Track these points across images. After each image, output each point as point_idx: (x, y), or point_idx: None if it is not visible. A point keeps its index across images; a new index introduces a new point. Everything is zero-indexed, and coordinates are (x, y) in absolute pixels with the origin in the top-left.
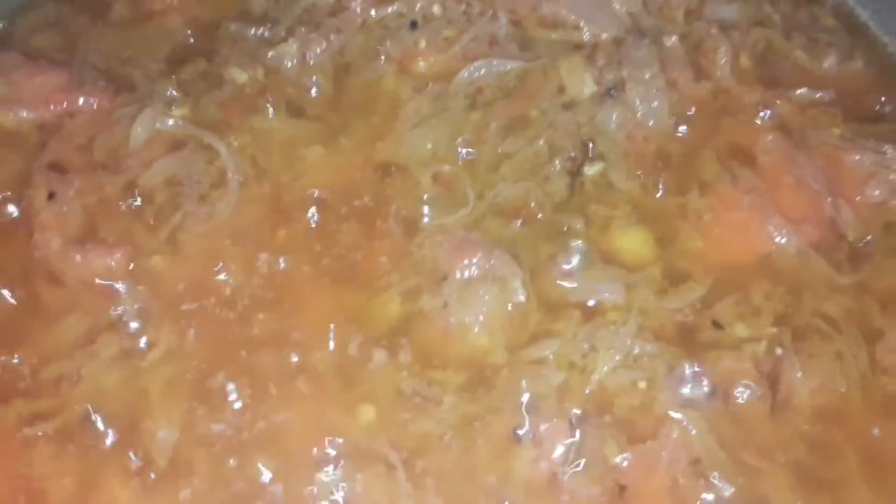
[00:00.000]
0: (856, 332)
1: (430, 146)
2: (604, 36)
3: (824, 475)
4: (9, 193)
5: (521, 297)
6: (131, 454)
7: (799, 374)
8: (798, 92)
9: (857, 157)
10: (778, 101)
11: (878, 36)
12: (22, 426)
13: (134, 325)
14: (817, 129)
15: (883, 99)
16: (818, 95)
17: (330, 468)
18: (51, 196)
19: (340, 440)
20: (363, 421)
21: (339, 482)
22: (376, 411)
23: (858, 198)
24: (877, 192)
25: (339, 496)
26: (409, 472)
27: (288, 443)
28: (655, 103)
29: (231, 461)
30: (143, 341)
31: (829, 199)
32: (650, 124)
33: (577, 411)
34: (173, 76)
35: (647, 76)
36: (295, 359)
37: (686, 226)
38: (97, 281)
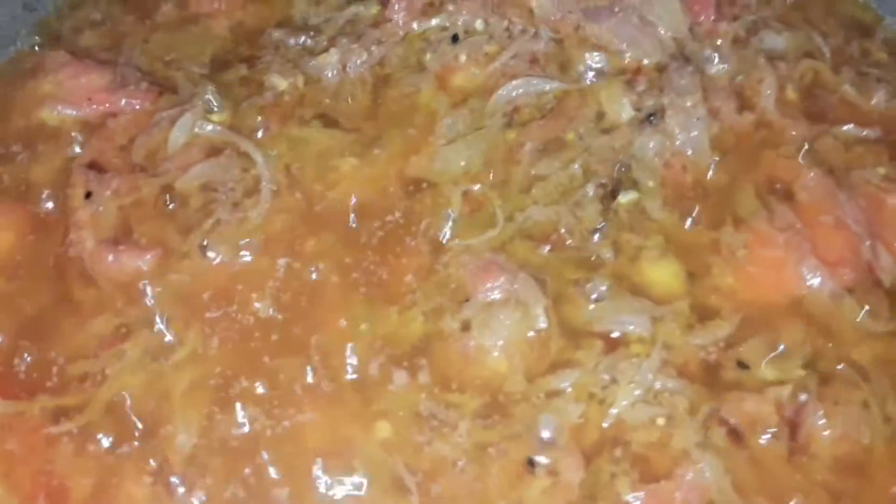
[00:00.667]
0: (885, 382)
1: (463, 163)
2: (646, 61)
3: None
4: (48, 191)
5: (543, 324)
6: (150, 457)
7: (822, 422)
8: (844, 128)
9: None
10: (822, 137)
11: None
12: (46, 423)
13: (160, 328)
14: (861, 168)
15: None
16: (864, 133)
17: (344, 482)
18: (88, 195)
19: (355, 455)
20: (379, 437)
21: (353, 498)
22: (392, 429)
23: None
24: None
25: None
26: (423, 497)
27: (303, 454)
28: (695, 133)
29: (246, 468)
30: (168, 345)
31: (868, 243)
32: (689, 154)
33: (593, 445)
34: (215, 80)
35: (688, 104)
36: (315, 371)
37: (719, 261)
38: (127, 282)
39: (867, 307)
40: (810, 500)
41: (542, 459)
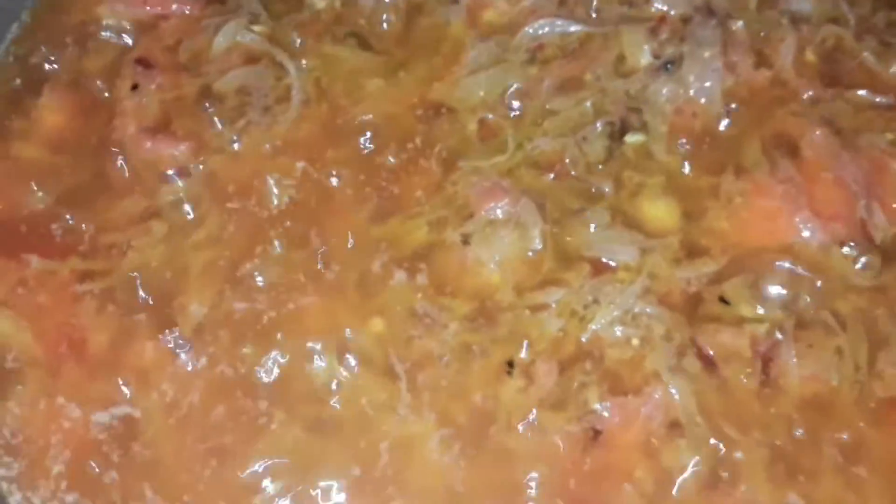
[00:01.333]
0: (861, 333)
1: (482, 93)
2: (672, 11)
3: (798, 461)
4: (99, 80)
5: (538, 245)
6: (162, 322)
7: (794, 361)
8: (858, 92)
9: None
10: (835, 99)
11: None
12: (74, 282)
13: (184, 210)
14: (870, 132)
15: None
16: (878, 99)
17: (335, 362)
18: (134, 87)
19: (350, 339)
20: (373, 331)
21: (344, 376)
22: (385, 324)
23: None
24: None
25: (336, 392)
26: (410, 383)
27: (302, 336)
28: (709, 83)
29: (248, 343)
30: (189, 226)
31: (864, 202)
32: (701, 102)
33: (568, 355)
34: None
35: (706, 55)
36: (321, 263)
37: (715, 205)
38: (161, 167)
39: (855, 261)
40: (771, 431)
41: (518, 363)
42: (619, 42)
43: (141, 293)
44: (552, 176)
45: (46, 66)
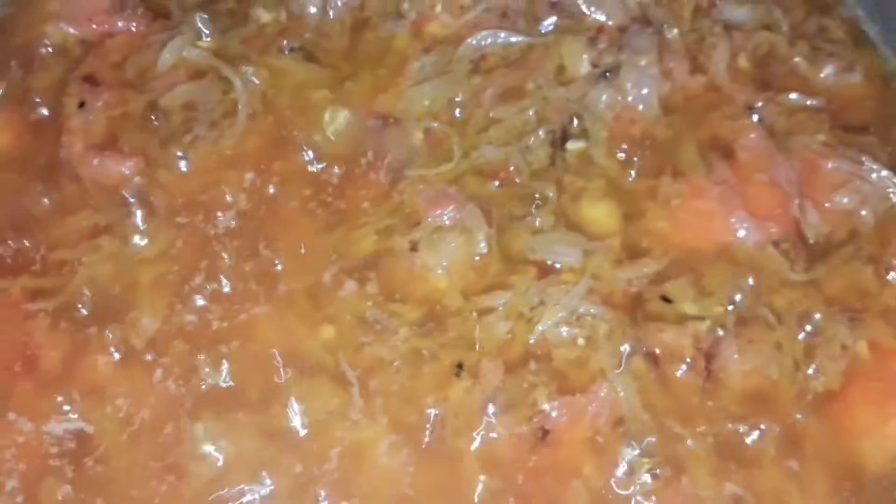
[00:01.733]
0: (796, 327)
1: (427, 102)
2: (610, 22)
3: (740, 454)
4: (45, 98)
5: (484, 250)
6: (114, 336)
7: (736, 356)
8: (790, 96)
9: (836, 165)
10: (767, 103)
11: (882, 52)
12: (26, 300)
13: (134, 226)
14: (802, 134)
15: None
16: (809, 102)
17: (288, 372)
18: (81, 105)
19: (301, 348)
20: (323, 338)
21: (295, 388)
22: (336, 332)
23: (828, 203)
24: (846, 200)
25: (289, 400)
26: (362, 389)
27: (254, 346)
28: (646, 90)
29: (200, 352)
30: (139, 242)
31: (798, 201)
32: (639, 109)
33: (516, 357)
34: (205, 10)
35: (643, 63)
36: (271, 275)
37: (654, 206)
38: (109, 184)
39: (789, 259)
40: (713, 425)
41: (467, 366)
42: (559, 52)
43: (91, 309)
44: (497, 183)
45: None
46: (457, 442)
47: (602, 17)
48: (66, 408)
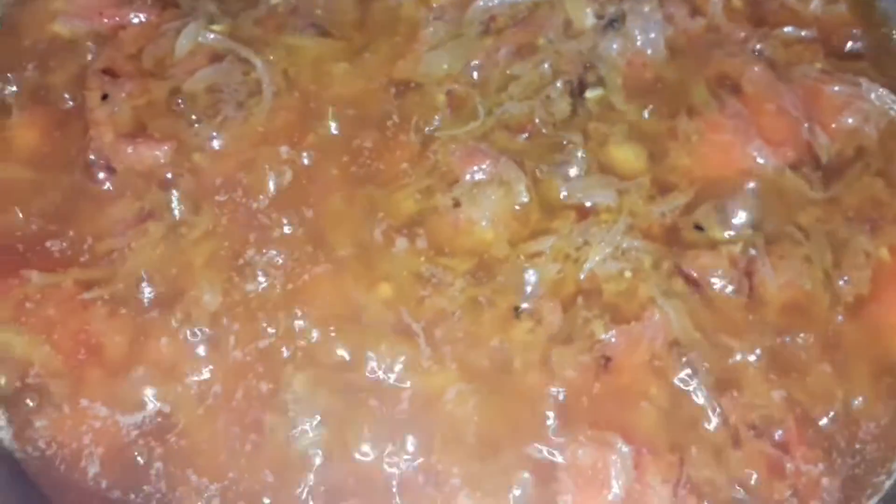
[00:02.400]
0: (823, 240)
1: (445, 66)
2: None
3: (791, 359)
4: (67, 93)
5: (525, 199)
6: (178, 316)
7: (770, 272)
8: (784, 29)
9: (835, 89)
10: (764, 37)
11: None
12: (80, 291)
13: (177, 208)
14: (800, 64)
15: (859, 35)
16: (803, 33)
17: (351, 330)
18: (104, 97)
19: (362, 311)
20: (381, 296)
21: (366, 343)
22: (393, 289)
23: (834, 125)
24: (850, 120)
25: (357, 357)
26: (428, 338)
27: (313, 307)
28: (653, 34)
29: (263, 320)
30: (185, 223)
31: (807, 125)
32: (648, 53)
33: (570, 295)
34: None
35: (646, 9)
36: (321, 241)
37: (675, 145)
38: (146, 170)
39: (807, 178)
40: (761, 337)
41: (524, 307)
42: (564, 7)
43: (149, 292)
44: (525, 136)
45: (7, 90)
46: (525, 378)
47: None
48: (140, 390)
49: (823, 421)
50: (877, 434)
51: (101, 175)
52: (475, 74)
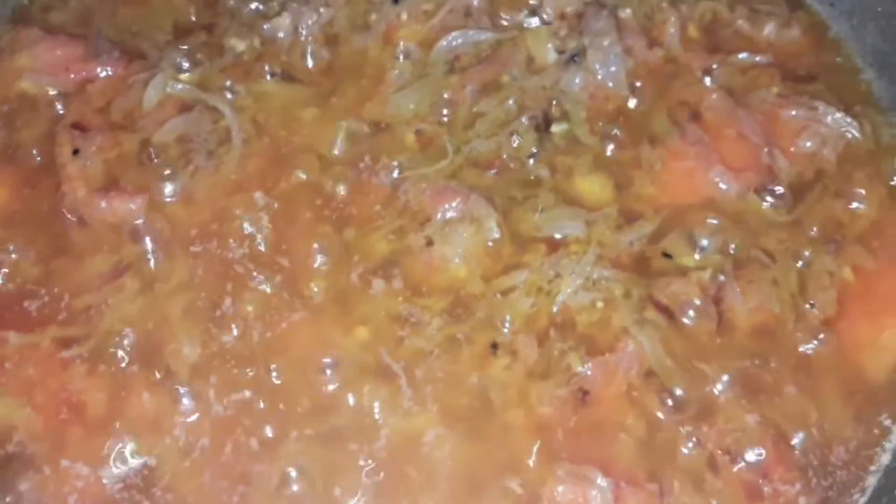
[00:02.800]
0: (789, 263)
1: (412, 106)
2: (567, 9)
3: (762, 382)
4: (36, 150)
5: (496, 234)
6: (157, 370)
7: (740, 297)
8: (740, 56)
9: (793, 113)
10: (721, 65)
11: (814, 7)
12: (59, 349)
13: (153, 261)
14: (757, 89)
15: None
16: (758, 59)
17: (334, 375)
18: (75, 152)
19: (340, 356)
20: (358, 339)
21: (341, 385)
22: (370, 331)
23: (793, 148)
24: (808, 143)
25: (338, 400)
26: (409, 379)
27: (293, 358)
28: (613, 68)
29: (244, 370)
30: (161, 276)
31: (767, 150)
32: (610, 86)
33: (543, 327)
34: (179, 46)
35: (605, 43)
36: (297, 287)
37: (640, 174)
38: (119, 224)
39: (769, 202)
40: (733, 361)
41: (501, 343)
42: (525, 44)
43: (128, 347)
44: (494, 171)
45: None
46: (505, 415)
47: (558, 6)
48: (123, 446)
49: (797, 442)
50: (850, 452)
51: (76, 231)
52: (443, 112)
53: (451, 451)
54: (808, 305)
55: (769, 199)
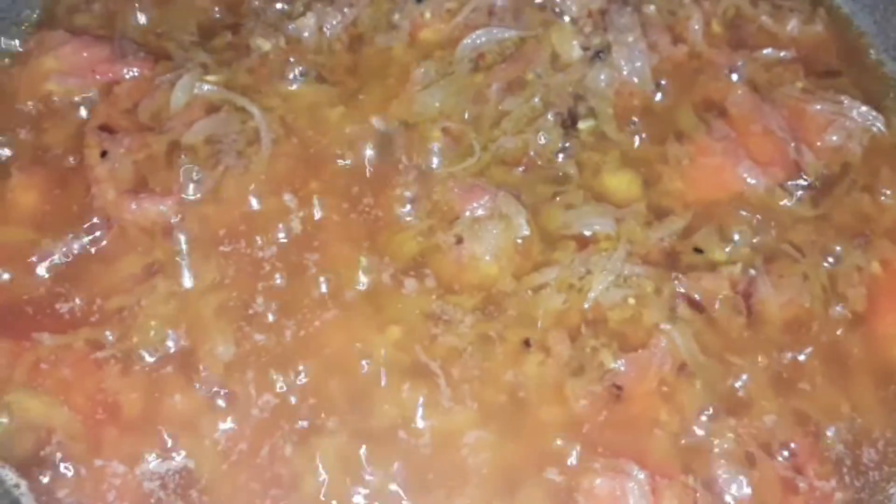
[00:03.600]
0: (818, 257)
1: (438, 105)
2: (591, 6)
3: (794, 375)
4: (65, 152)
5: (526, 231)
6: (193, 370)
7: (771, 291)
8: (764, 52)
9: (818, 107)
10: (746, 61)
11: (835, 1)
12: (93, 350)
13: (184, 262)
14: (782, 84)
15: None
16: (782, 54)
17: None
18: (103, 154)
19: (374, 350)
20: (392, 338)
21: (378, 383)
22: (403, 330)
23: (819, 143)
24: (835, 137)
25: (375, 399)
26: (446, 377)
27: (326, 356)
28: (639, 64)
29: (279, 369)
30: (192, 276)
31: (793, 144)
32: (635, 82)
33: (575, 324)
34: (205, 46)
35: (630, 39)
36: (329, 287)
37: (668, 170)
38: (150, 225)
39: (797, 197)
40: (765, 354)
41: (534, 340)
42: (550, 41)
43: (162, 348)
44: (521, 169)
45: (3, 153)
46: (540, 411)
47: (582, 3)
48: (158, 446)
49: (831, 435)
50: (884, 445)
51: (106, 232)
52: (468, 111)
53: (489, 447)
54: (838, 299)
55: (797, 193)
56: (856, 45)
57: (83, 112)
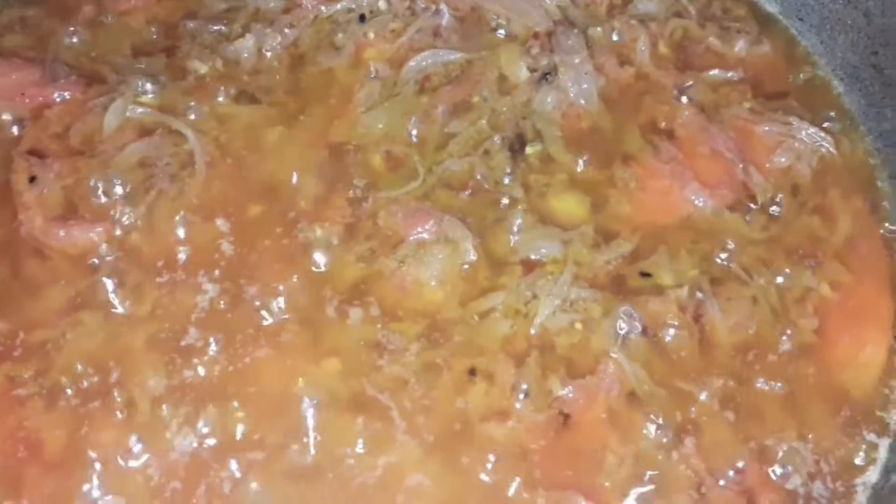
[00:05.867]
0: (768, 279)
1: (381, 126)
2: (538, 28)
3: (745, 400)
4: None
5: (473, 256)
6: (120, 404)
7: (719, 315)
8: (711, 73)
9: (766, 128)
10: (693, 82)
11: (783, 23)
12: (14, 387)
13: (113, 292)
14: (729, 105)
15: (789, 77)
16: (729, 75)
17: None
18: (32, 179)
19: (310, 383)
20: (329, 371)
21: (313, 418)
22: (342, 362)
23: (768, 164)
24: (783, 159)
25: (312, 436)
26: (383, 409)
27: (261, 390)
28: (585, 85)
29: (211, 404)
30: (121, 308)
31: (741, 166)
32: (582, 104)
33: (522, 351)
34: (139, 69)
35: (576, 61)
36: (264, 317)
37: (615, 192)
38: (79, 254)
39: (746, 219)
40: (714, 380)
41: (479, 368)
42: (497, 63)
43: (88, 382)
44: (468, 192)
45: None
46: (484, 441)
47: (529, 25)
48: (82, 485)
49: (782, 459)
50: (837, 469)
51: (29, 262)
52: (413, 133)
53: (431, 481)
54: (788, 322)
55: (746, 216)
56: (803, 66)
57: (12, 136)
